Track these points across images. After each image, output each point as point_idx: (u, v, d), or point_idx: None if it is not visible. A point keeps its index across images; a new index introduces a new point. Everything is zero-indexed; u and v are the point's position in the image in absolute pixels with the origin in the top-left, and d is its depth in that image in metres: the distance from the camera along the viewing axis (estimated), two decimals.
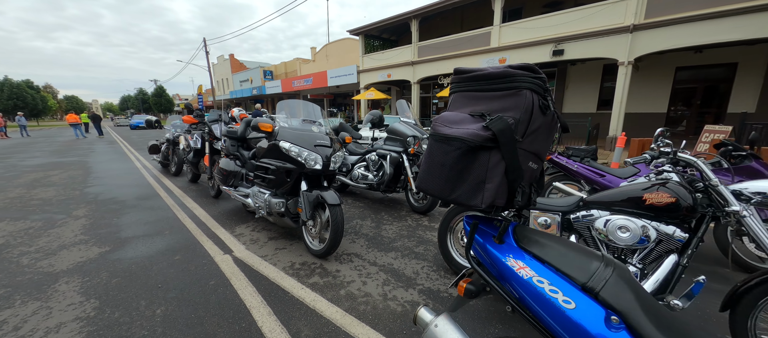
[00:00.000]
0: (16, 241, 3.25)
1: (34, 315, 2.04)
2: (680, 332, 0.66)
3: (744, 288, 1.52)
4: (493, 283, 0.92)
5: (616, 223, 1.71)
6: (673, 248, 1.65)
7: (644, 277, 1.65)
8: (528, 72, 0.89)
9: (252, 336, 1.83)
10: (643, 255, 1.71)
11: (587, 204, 1.91)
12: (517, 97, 0.87)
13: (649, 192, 1.67)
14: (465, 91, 1.01)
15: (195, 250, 2.98)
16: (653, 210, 1.66)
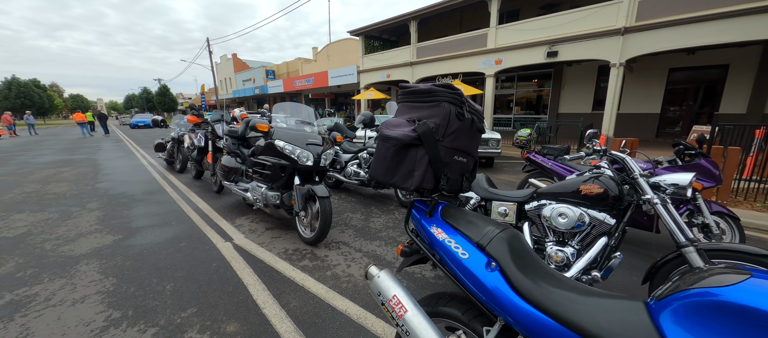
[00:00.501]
0: (38, 230, 3.60)
1: (61, 290, 2.37)
2: (536, 273, 0.95)
3: (660, 262, 1.82)
4: (423, 247, 1.22)
5: (557, 210, 2.01)
6: (604, 231, 1.94)
7: (580, 256, 1.94)
8: (447, 89, 1.19)
9: (248, 306, 2.15)
10: (581, 238, 2.00)
11: (539, 196, 2.21)
12: (438, 108, 1.17)
13: (584, 184, 1.97)
14: (405, 101, 1.31)
15: (199, 238, 3.31)
16: (588, 199, 1.96)
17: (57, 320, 2.02)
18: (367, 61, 16.81)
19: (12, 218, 4.03)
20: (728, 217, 2.83)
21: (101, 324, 1.98)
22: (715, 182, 2.80)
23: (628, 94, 11.58)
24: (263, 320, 2.01)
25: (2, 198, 4.96)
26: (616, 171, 2.06)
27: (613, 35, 9.05)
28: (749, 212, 4.04)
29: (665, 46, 8.46)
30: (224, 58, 36.59)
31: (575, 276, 1.86)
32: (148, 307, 2.15)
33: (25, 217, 4.05)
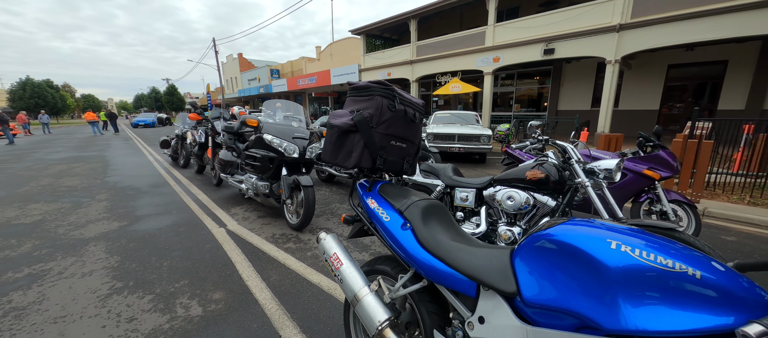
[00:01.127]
0: (52, 217, 3.96)
1: (72, 265, 2.70)
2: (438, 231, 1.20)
3: None
4: (362, 215, 1.48)
5: (507, 194, 2.25)
6: (547, 212, 2.17)
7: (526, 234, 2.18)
8: (380, 86, 1.44)
9: (234, 279, 2.44)
10: (528, 218, 2.24)
11: (495, 182, 2.45)
12: (372, 101, 1.42)
13: (529, 170, 2.20)
14: (350, 96, 1.56)
15: (196, 225, 3.62)
16: (533, 184, 2.19)
17: (68, 289, 2.34)
18: (368, 59, 17.07)
19: (29, 207, 4.40)
20: (686, 205, 3.03)
21: (106, 292, 2.29)
22: (672, 172, 2.99)
23: (627, 90, 11.62)
24: (245, 290, 2.29)
25: (19, 191, 5.36)
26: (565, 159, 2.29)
27: (609, 32, 9.15)
28: (722, 204, 4.20)
29: (660, 43, 8.54)
30: (230, 58, 37.22)
31: None
32: (147, 279, 2.45)
33: (40, 207, 4.42)
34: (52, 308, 2.11)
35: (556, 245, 0.84)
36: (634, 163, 3.11)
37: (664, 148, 3.05)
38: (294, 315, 2.01)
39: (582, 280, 0.76)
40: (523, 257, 0.92)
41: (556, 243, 0.84)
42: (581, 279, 0.77)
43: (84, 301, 2.19)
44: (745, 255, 2.90)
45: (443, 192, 2.72)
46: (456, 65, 13.29)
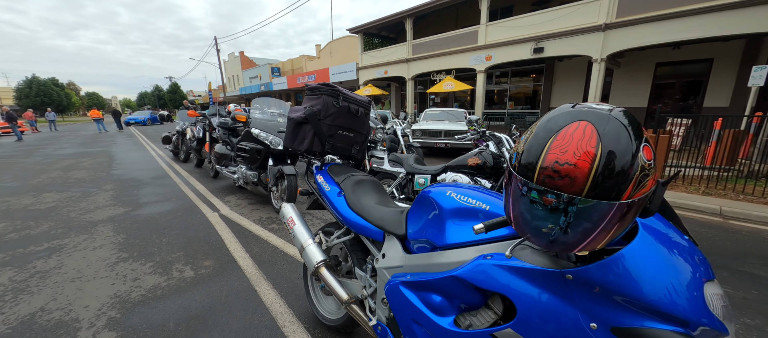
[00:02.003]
0: (64, 204, 4.42)
1: (84, 241, 3.14)
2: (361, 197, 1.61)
3: None
4: (314, 190, 1.89)
5: (453, 178, 2.65)
6: None
7: None
8: (327, 86, 1.84)
9: (222, 251, 2.87)
10: None
11: (447, 168, 2.85)
12: (320, 98, 1.83)
13: (470, 158, 2.60)
14: (307, 95, 1.97)
15: (193, 210, 4.07)
16: (475, 169, 2.59)
17: (82, 258, 2.78)
18: (365, 58, 17.45)
19: (42, 196, 4.87)
20: None
21: (113, 260, 2.73)
22: None
23: (617, 88, 11.92)
24: (231, 259, 2.73)
25: (32, 182, 5.85)
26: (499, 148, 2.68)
27: (595, 31, 9.47)
28: (679, 194, 4.56)
29: (644, 42, 8.85)
30: (232, 56, 37.76)
31: None
32: (148, 251, 2.89)
33: (52, 196, 4.89)
34: (70, 271, 2.56)
35: (423, 198, 1.25)
36: None
37: None
38: (269, 276, 2.44)
39: (430, 217, 1.17)
40: (411, 211, 1.33)
41: (423, 197, 1.25)
42: (429, 215, 1.18)
43: (96, 267, 2.63)
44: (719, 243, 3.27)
45: (406, 178, 3.13)
46: (450, 63, 13.64)
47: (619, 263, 0.72)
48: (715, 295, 0.73)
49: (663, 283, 0.71)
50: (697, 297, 0.71)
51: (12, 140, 14.86)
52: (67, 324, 1.92)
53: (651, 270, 0.72)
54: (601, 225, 0.62)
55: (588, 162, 0.58)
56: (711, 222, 3.68)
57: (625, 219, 0.62)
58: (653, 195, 0.66)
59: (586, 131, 0.60)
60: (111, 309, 2.06)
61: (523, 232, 0.74)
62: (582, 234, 0.64)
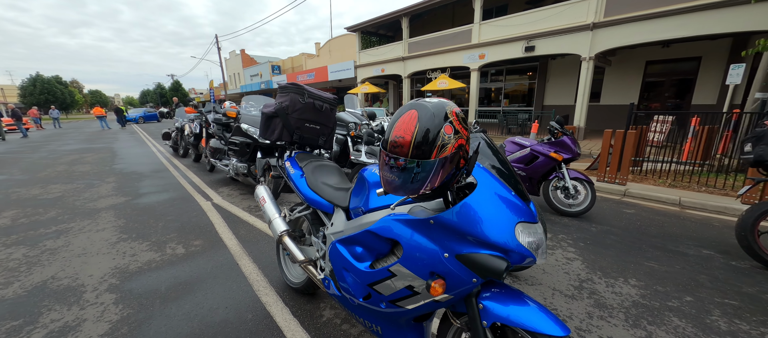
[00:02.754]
0: (69, 194, 4.78)
1: (89, 225, 3.49)
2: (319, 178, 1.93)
3: None
4: (284, 174, 2.21)
5: None
6: None
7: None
8: (294, 85, 2.16)
9: (211, 233, 3.21)
10: None
11: None
12: (288, 96, 2.15)
13: None
14: (278, 93, 2.28)
15: (188, 199, 4.41)
16: None
17: (87, 238, 3.13)
18: (363, 56, 17.74)
19: (49, 187, 5.24)
20: (585, 182, 3.71)
21: (114, 240, 3.08)
22: (572, 155, 3.66)
23: (608, 86, 12.15)
24: (219, 239, 3.06)
25: (39, 175, 6.23)
26: None
27: (584, 30, 9.70)
28: (646, 186, 4.84)
29: (630, 41, 9.08)
30: (233, 54, 38.14)
31: None
32: (145, 233, 3.24)
33: (58, 187, 5.26)
34: (76, 249, 2.90)
35: (360, 177, 1.57)
36: (543, 147, 3.80)
37: (566, 134, 3.73)
38: (250, 253, 2.77)
39: (363, 190, 1.49)
40: (354, 188, 1.65)
41: (360, 175, 1.57)
42: (362, 189, 1.50)
43: (99, 245, 2.98)
44: (630, 222, 3.56)
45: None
46: (445, 62, 13.90)
47: (461, 210, 1.04)
48: (525, 232, 1.05)
49: (488, 223, 1.02)
50: (509, 233, 1.02)
51: (18, 137, 15.32)
52: (74, 289, 2.26)
53: (481, 215, 1.03)
54: (429, 174, 0.93)
55: (410, 135, 0.90)
56: (668, 211, 3.96)
57: (445, 169, 0.94)
58: (469, 158, 0.98)
59: (412, 116, 0.92)
60: (112, 278, 2.40)
61: (390, 190, 1.06)
62: (421, 182, 0.96)
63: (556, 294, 2.15)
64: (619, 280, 2.32)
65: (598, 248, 2.86)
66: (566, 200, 3.77)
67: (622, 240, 3.04)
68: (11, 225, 3.54)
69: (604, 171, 5.15)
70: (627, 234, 3.19)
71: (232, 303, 2.07)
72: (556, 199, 3.82)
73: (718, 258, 2.66)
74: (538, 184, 4.00)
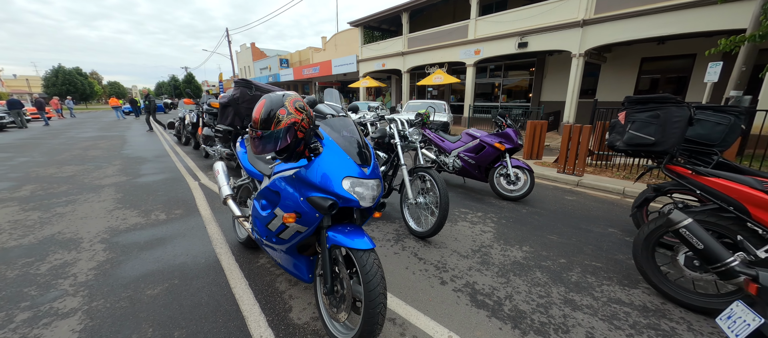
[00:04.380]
0: (80, 174, 5.51)
1: (92, 197, 4.16)
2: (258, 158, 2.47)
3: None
4: (235, 154, 2.76)
5: None
6: (384, 162, 3.38)
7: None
8: (242, 80, 2.70)
9: (191, 205, 3.81)
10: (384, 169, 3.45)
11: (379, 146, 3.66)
12: (239, 89, 2.69)
13: (371, 137, 3.41)
14: (234, 86, 2.82)
15: (179, 180, 5.05)
16: (377, 145, 3.40)
17: (89, 207, 3.79)
18: (365, 50, 18.20)
19: (63, 168, 5.99)
20: (525, 169, 4.13)
21: (111, 208, 3.72)
22: (514, 145, 4.09)
23: (604, 82, 12.26)
24: (196, 209, 3.66)
25: (57, 158, 7.03)
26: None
27: (574, 27, 9.90)
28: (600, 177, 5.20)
29: (619, 38, 9.25)
30: (243, 47, 39.16)
31: None
32: (137, 204, 3.87)
33: (72, 168, 6.01)
34: (79, 213, 3.56)
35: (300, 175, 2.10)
36: (490, 138, 4.24)
37: (510, 126, 4.16)
38: (218, 220, 3.36)
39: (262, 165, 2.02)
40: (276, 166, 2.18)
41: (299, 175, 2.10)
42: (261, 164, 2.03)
43: (98, 211, 3.63)
44: (562, 207, 3.97)
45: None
46: (443, 57, 14.24)
47: (309, 167, 1.56)
48: (353, 184, 1.55)
49: (323, 176, 1.54)
50: (337, 184, 1.53)
51: (40, 125, 16.53)
52: (75, 240, 2.90)
53: (320, 171, 1.55)
54: (273, 140, 1.45)
55: (258, 114, 1.42)
56: (608, 199, 4.35)
57: (283, 139, 1.46)
58: (306, 131, 1.50)
59: (262, 103, 1.44)
60: (104, 234, 3.03)
61: (257, 152, 1.57)
62: (273, 144, 1.47)
63: (453, 254, 2.65)
64: (513, 247, 2.79)
65: (515, 225, 3.32)
66: (508, 186, 4.21)
67: (543, 220, 3.48)
68: (30, 196, 4.24)
69: (563, 163, 5.52)
70: (551, 215, 3.62)
71: (192, 253, 2.66)
72: (499, 185, 4.27)
73: (615, 234, 3.08)
74: (486, 171, 4.44)
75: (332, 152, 1.61)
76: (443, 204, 2.71)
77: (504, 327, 1.79)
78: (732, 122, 2.43)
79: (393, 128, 3.24)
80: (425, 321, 1.84)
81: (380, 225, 3.32)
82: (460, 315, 1.90)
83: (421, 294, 2.10)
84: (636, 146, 2.30)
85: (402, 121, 3.41)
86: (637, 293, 2.12)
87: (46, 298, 2.04)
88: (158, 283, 2.22)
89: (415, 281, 2.26)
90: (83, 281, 2.25)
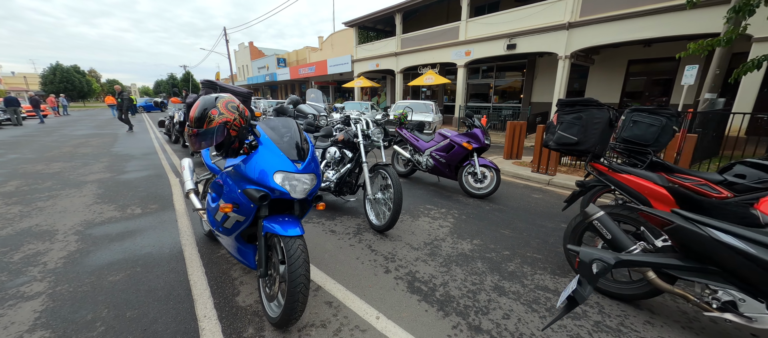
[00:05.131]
0: (66, 170, 5.68)
1: (74, 192, 4.33)
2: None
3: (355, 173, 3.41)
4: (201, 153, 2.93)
5: (330, 150, 3.63)
6: (349, 161, 3.54)
7: (335, 172, 3.56)
8: (208, 82, 2.88)
9: (168, 200, 3.98)
10: (339, 162, 3.62)
11: (334, 144, 3.83)
12: (206, 90, 2.87)
13: (338, 134, 3.58)
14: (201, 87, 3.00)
15: (162, 176, 5.22)
16: (342, 143, 3.57)
17: (70, 201, 3.96)
18: (359, 51, 18.37)
19: (51, 165, 6.16)
20: (492, 168, 4.30)
21: (90, 203, 3.89)
22: (481, 144, 4.26)
23: (592, 84, 12.42)
24: (171, 204, 3.83)
25: (46, 155, 7.20)
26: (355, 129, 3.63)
27: (560, 30, 10.08)
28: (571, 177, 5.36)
29: (603, 40, 9.43)
30: (242, 46, 39.34)
31: (331, 182, 3.50)
32: (116, 199, 4.05)
33: (59, 164, 6.18)
34: (59, 208, 3.73)
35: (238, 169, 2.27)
36: (459, 137, 4.41)
37: (477, 127, 4.33)
38: (189, 215, 3.52)
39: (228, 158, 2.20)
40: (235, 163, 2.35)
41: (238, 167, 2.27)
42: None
43: (78, 205, 3.80)
44: (525, 204, 4.14)
45: None
46: (434, 58, 14.41)
47: (245, 162, 1.73)
48: (284, 178, 1.72)
49: (257, 170, 1.71)
50: (269, 177, 1.70)
51: (35, 123, 16.70)
52: (50, 232, 3.06)
53: (255, 166, 1.72)
54: (207, 136, 1.62)
55: (193, 113, 1.59)
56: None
57: (219, 134, 1.62)
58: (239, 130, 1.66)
59: (197, 104, 1.61)
60: (79, 226, 3.20)
61: (194, 148, 1.74)
62: (208, 141, 1.64)
63: (405, 246, 2.81)
64: (465, 241, 2.96)
65: (474, 220, 3.49)
66: (475, 184, 4.38)
67: (503, 216, 3.65)
68: (14, 191, 4.41)
69: (537, 162, 5.69)
70: (512, 212, 3.79)
71: (158, 243, 2.83)
72: (467, 183, 4.43)
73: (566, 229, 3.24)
74: (456, 170, 4.61)
75: (267, 149, 1.78)
76: (397, 200, 2.88)
77: (430, 310, 1.96)
78: (664, 123, 2.61)
79: (357, 128, 3.41)
80: (359, 304, 2.01)
81: (344, 220, 3.49)
82: (393, 299, 2.07)
83: (364, 281, 2.27)
84: (564, 145, 2.47)
85: (366, 121, 3.57)
86: (565, 282, 2.29)
87: (14, 283, 2.21)
88: (121, 271, 2.39)
89: (362, 270, 2.43)
90: (52, 268, 2.41)
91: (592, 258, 1.52)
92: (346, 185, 3.58)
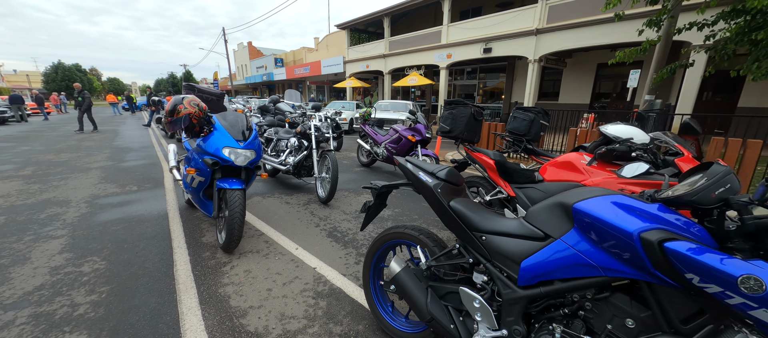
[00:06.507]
0: (74, 160, 6.59)
1: (82, 175, 5.23)
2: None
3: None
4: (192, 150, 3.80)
5: (291, 141, 4.50)
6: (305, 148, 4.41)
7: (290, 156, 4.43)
8: (188, 84, 3.74)
9: (160, 182, 4.87)
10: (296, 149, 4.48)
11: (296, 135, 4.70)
12: (186, 90, 3.73)
13: (298, 128, 4.45)
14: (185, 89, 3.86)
15: (156, 164, 6.12)
16: (300, 135, 4.44)
17: (79, 182, 4.86)
18: (351, 52, 19.27)
19: (60, 155, 7.08)
20: (432, 157, 5.16)
21: (96, 182, 4.79)
22: (423, 137, 5.12)
23: (565, 86, 13.26)
24: (162, 184, 4.72)
25: (54, 147, 8.12)
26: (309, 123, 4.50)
27: (529, 35, 10.93)
28: None
29: (567, 45, 10.28)
30: (241, 46, 40.35)
31: (290, 166, 4.37)
32: (117, 180, 4.94)
33: (67, 155, 7.10)
34: (70, 186, 4.63)
35: None
36: (405, 131, 5.28)
37: (420, 122, 5.20)
38: (176, 192, 4.41)
39: None
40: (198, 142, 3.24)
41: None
42: None
43: (86, 185, 4.69)
44: None
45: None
46: (420, 60, 15.28)
47: (205, 140, 2.62)
48: (231, 152, 2.60)
49: (211, 146, 2.59)
50: (218, 150, 2.58)
51: (40, 120, 17.69)
52: (65, 201, 3.96)
53: (210, 143, 2.60)
54: (179, 122, 2.51)
55: (168, 108, 2.48)
56: None
57: (185, 121, 2.51)
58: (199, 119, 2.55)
59: (170, 99, 2.49)
60: (88, 198, 4.09)
61: (170, 131, 2.62)
62: (178, 126, 2.53)
63: (339, 212, 3.68)
64: (388, 210, 3.82)
65: (404, 198, 4.35)
66: None
67: None
68: (31, 175, 5.31)
69: None
70: None
71: (149, 209, 3.72)
72: None
73: None
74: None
75: (219, 132, 2.66)
76: (333, 177, 3.76)
77: (335, 246, 2.84)
78: (532, 118, 3.48)
79: (310, 123, 4.29)
80: (287, 242, 2.89)
81: (300, 195, 4.37)
82: (312, 240, 2.94)
83: (296, 230, 3.14)
84: (443, 133, 3.33)
85: (320, 117, 4.45)
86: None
87: (43, 230, 3.10)
88: (120, 224, 3.28)
89: (299, 225, 3.30)
90: (70, 222, 3.31)
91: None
92: (303, 168, 4.46)
